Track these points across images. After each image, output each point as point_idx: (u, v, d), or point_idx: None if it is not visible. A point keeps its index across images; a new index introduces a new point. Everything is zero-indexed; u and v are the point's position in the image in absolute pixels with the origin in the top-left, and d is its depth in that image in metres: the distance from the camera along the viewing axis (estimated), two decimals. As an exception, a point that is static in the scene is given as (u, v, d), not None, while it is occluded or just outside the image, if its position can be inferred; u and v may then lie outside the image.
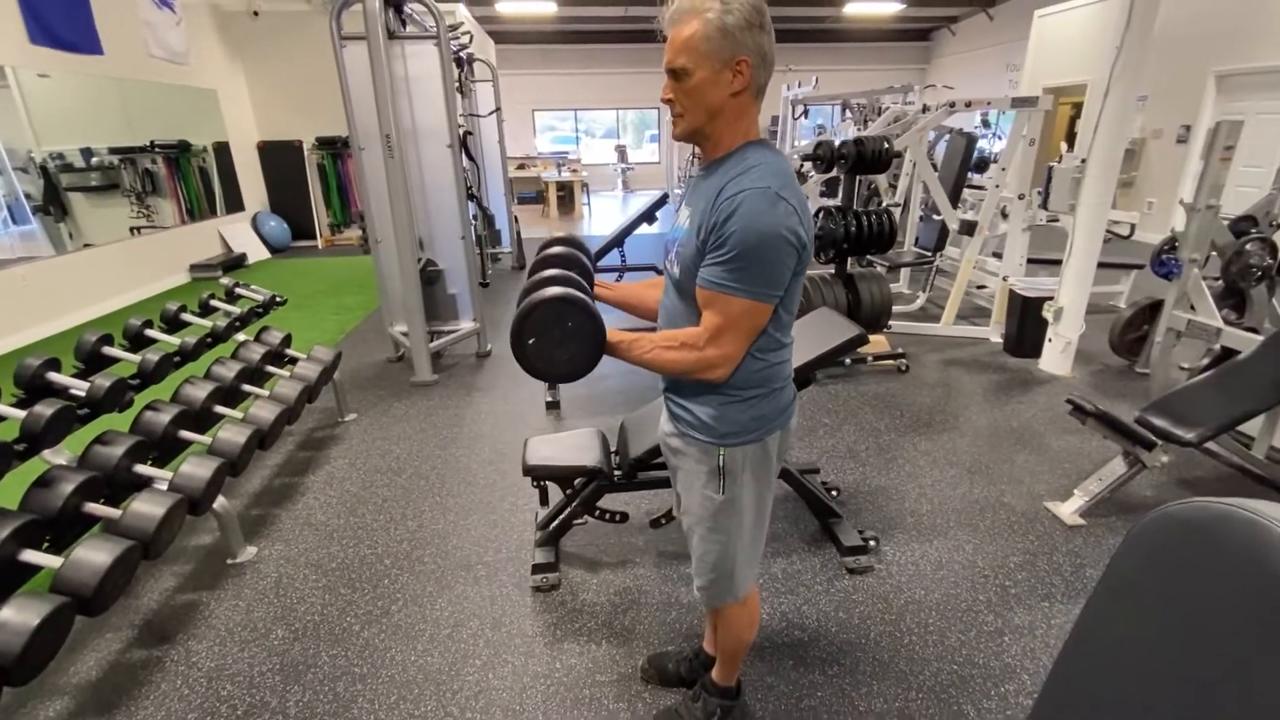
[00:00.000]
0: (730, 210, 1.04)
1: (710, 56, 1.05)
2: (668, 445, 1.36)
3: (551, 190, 11.01)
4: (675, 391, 1.28)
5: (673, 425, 1.31)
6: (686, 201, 1.22)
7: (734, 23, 1.04)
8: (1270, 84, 6.10)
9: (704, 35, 1.04)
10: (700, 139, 1.14)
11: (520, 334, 1.10)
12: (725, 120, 1.11)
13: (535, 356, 1.12)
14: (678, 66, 1.07)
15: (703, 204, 1.12)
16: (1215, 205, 2.58)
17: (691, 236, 1.12)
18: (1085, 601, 0.90)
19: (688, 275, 1.14)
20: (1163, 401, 2.34)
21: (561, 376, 1.15)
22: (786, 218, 1.04)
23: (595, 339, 1.12)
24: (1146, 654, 0.80)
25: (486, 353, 4.29)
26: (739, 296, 1.06)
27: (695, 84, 1.07)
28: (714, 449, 1.23)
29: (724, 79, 1.07)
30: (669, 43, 1.09)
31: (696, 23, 1.04)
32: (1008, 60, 11.76)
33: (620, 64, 13.94)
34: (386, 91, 3.31)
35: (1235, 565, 0.71)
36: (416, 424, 3.28)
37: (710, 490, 1.26)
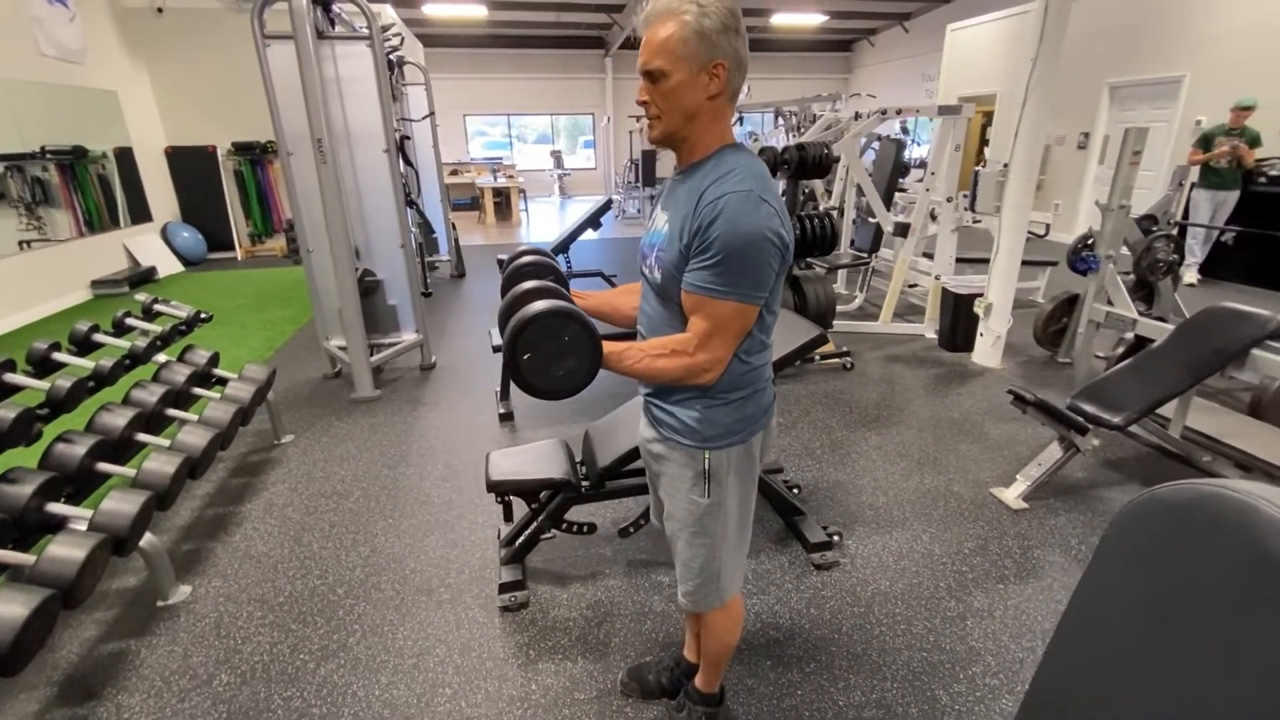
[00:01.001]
0: (714, 214, 1.03)
1: (687, 59, 1.05)
2: (649, 451, 1.34)
3: (488, 196, 10.79)
4: (658, 396, 1.25)
5: (654, 430, 1.29)
6: (663, 206, 1.21)
7: (711, 26, 1.04)
8: (1156, 94, 6.71)
9: (681, 38, 1.04)
10: (676, 142, 1.13)
11: (515, 350, 1.05)
12: (702, 123, 1.11)
13: (531, 373, 1.07)
14: (654, 68, 1.06)
15: (682, 208, 1.11)
16: (1127, 206, 2.80)
17: (673, 241, 1.11)
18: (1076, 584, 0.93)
19: (670, 280, 1.13)
20: (1090, 389, 2.51)
21: (559, 392, 1.10)
22: (769, 219, 1.05)
23: (593, 352, 1.08)
24: (1138, 632, 0.84)
25: (431, 365, 4.14)
26: (727, 299, 1.06)
27: (672, 86, 1.06)
28: (699, 453, 1.22)
29: (700, 82, 1.07)
30: (644, 44, 1.08)
31: (673, 25, 1.04)
32: (922, 71, 12.45)
33: (553, 69, 13.87)
34: (317, 94, 3.14)
35: (1225, 543, 0.74)
36: (361, 443, 3.12)
37: (696, 494, 1.24)
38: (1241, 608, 0.72)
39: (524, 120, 14.94)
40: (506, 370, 1.09)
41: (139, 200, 7.03)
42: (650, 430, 1.32)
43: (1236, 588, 0.73)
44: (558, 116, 14.99)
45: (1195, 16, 6.25)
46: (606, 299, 1.44)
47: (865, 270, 5.14)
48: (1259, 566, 0.70)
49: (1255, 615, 0.70)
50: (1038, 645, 1.84)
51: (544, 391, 1.09)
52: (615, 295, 1.45)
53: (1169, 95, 6.53)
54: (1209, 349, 2.41)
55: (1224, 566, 0.74)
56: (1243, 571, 0.72)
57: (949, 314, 4.14)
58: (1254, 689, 0.71)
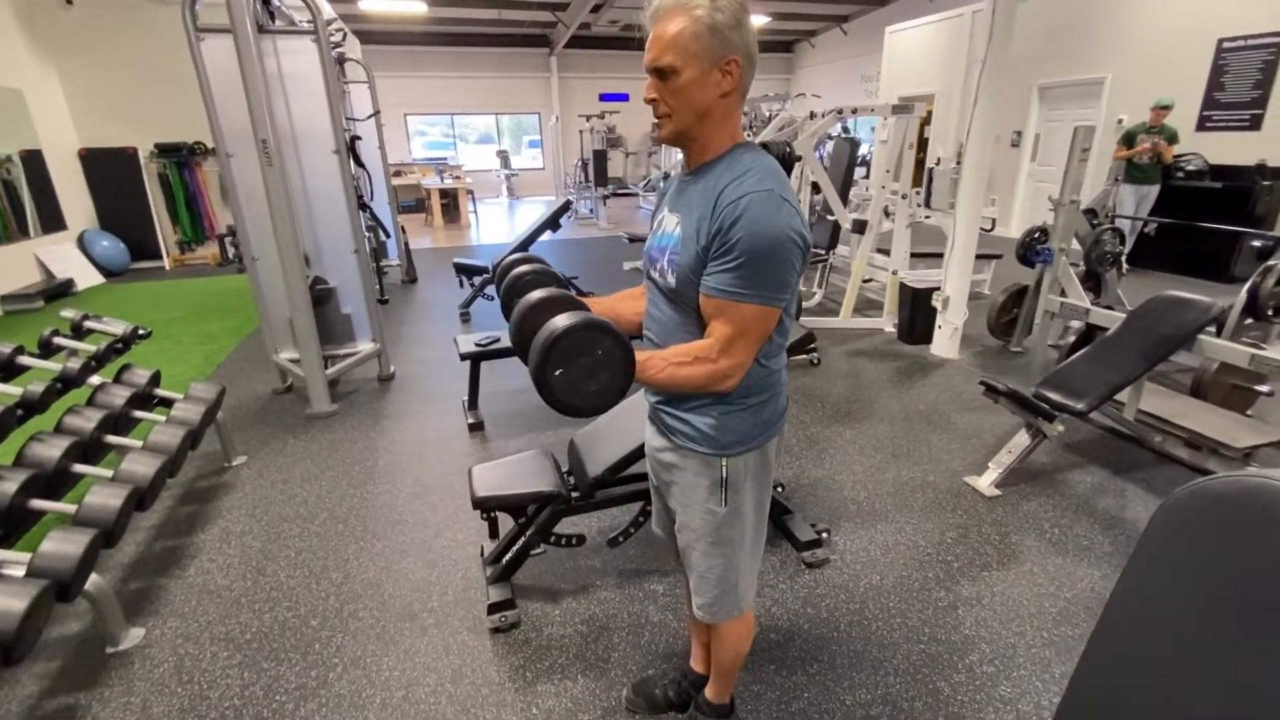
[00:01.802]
0: (735, 215, 1.00)
1: (700, 56, 1.00)
2: (658, 461, 1.29)
3: (434, 198, 10.48)
4: (670, 403, 1.20)
5: (665, 439, 1.24)
6: (671, 207, 1.16)
7: (724, 21, 1.00)
8: (1082, 95, 7.11)
9: (693, 33, 0.99)
10: (687, 141, 1.09)
11: (545, 366, 0.98)
12: (714, 122, 1.07)
13: (562, 389, 1.00)
14: (664, 65, 1.02)
15: (696, 209, 1.07)
16: (1077, 201, 2.92)
17: (689, 243, 1.06)
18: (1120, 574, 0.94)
19: (686, 283, 1.08)
20: (1053, 377, 2.61)
21: (590, 409, 1.04)
22: (791, 219, 1.02)
23: (626, 366, 1.02)
24: (1188, 624, 0.84)
25: (390, 376, 3.96)
26: (750, 303, 1.02)
27: (683, 84, 1.02)
28: (716, 460, 1.18)
29: (713, 79, 1.02)
30: (653, 40, 1.03)
31: (685, 20, 0.99)
32: (861, 72, 12.83)
33: (497, 68, 13.61)
34: (260, 92, 2.94)
35: (1275, 534, 0.75)
36: (321, 462, 2.94)
37: (713, 504, 1.21)
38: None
39: (465, 120, 14.60)
40: (541, 391, 1.02)
41: (51, 207, 6.48)
42: (660, 439, 1.27)
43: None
44: (502, 116, 14.71)
45: (1116, 21, 6.65)
46: (609, 306, 1.38)
47: (824, 267, 5.23)
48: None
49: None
50: (1027, 630, 1.89)
51: (576, 409, 1.03)
52: (617, 301, 1.40)
53: (1093, 95, 6.94)
54: (1159, 335, 2.54)
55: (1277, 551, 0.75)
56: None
57: (907, 308, 4.25)
58: None
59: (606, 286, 6.05)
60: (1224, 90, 5.73)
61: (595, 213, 10.17)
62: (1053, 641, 1.84)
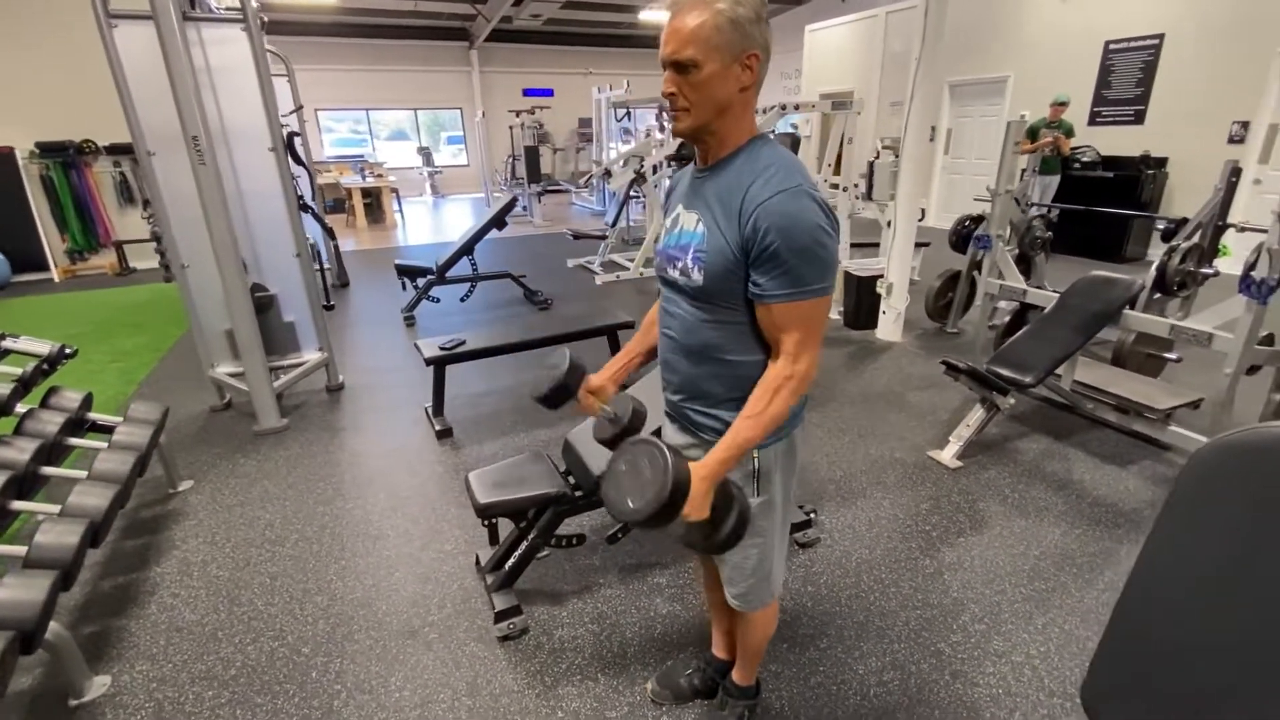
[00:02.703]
0: (766, 221, 1.00)
1: (721, 50, 1.00)
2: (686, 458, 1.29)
3: (356, 197, 9.98)
4: (699, 400, 1.20)
5: (692, 436, 1.25)
6: (687, 204, 1.14)
7: (745, 15, 1.00)
8: (989, 92, 7.66)
9: (715, 26, 0.98)
10: (705, 135, 1.07)
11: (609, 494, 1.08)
12: (733, 116, 1.06)
13: (614, 503, 1.08)
14: (685, 59, 1.00)
15: (719, 207, 1.07)
16: (1012, 190, 3.16)
17: (719, 242, 1.06)
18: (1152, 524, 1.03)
19: (716, 280, 1.08)
20: (1001, 355, 2.82)
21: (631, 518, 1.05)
22: (819, 211, 1.03)
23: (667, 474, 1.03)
24: (1222, 566, 0.94)
25: (339, 386, 3.76)
26: (807, 299, 1.04)
27: (705, 78, 1.01)
28: (749, 452, 1.19)
29: (733, 74, 1.02)
30: (672, 32, 1.01)
31: (706, 13, 0.98)
32: (782, 69, 13.25)
33: (414, 61, 13.10)
34: (189, 84, 2.70)
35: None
36: (280, 480, 2.76)
37: (747, 495, 1.22)
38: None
39: (375, 116, 13.94)
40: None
41: (-90, 215, 5.70)
42: (685, 436, 1.27)
43: (1319, 515, 0.84)
44: (421, 111, 14.17)
45: (1016, 23, 7.20)
46: (641, 341, 1.39)
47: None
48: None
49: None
50: (1006, 588, 2.04)
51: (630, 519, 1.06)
52: (639, 342, 1.40)
53: (997, 93, 7.49)
54: (1091, 312, 2.79)
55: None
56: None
57: (853, 295, 4.45)
58: None
59: (552, 284, 5.99)
60: (1111, 88, 6.34)
61: (530, 210, 10.00)
62: (1030, 596, 2.00)
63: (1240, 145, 5.47)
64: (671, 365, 1.23)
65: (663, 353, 1.26)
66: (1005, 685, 1.69)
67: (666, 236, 1.18)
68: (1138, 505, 2.45)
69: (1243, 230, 3.03)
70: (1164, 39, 5.87)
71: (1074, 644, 1.82)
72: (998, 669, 1.74)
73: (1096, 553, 2.19)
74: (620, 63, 14.52)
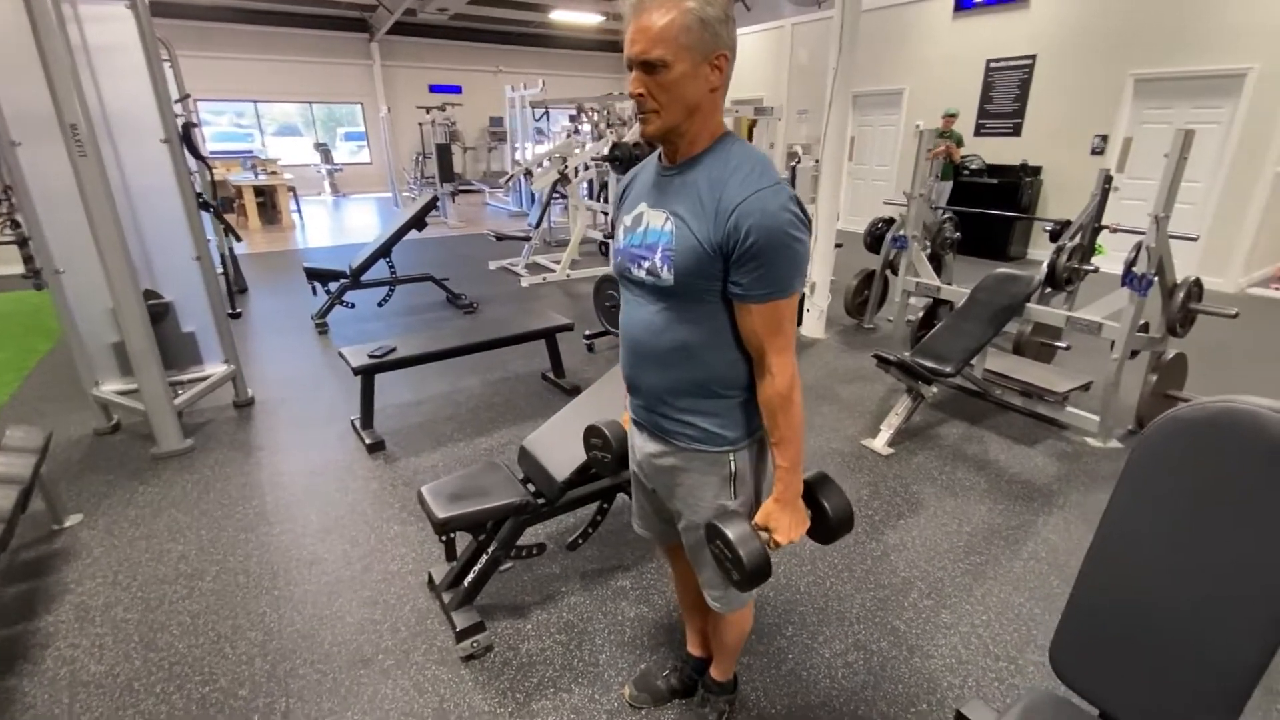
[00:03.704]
0: (745, 221, 0.99)
1: (691, 49, 0.98)
2: (654, 466, 1.26)
3: (248, 196, 9.21)
4: (670, 405, 1.18)
5: (663, 444, 1.22)
6: (652, 203, 1.11)
7: (714, 15, 0.98)
8: (887, 103, 8.20)
9: (683, 25, 0.96)
10: (675, 137, 1.05)
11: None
12: (702, 116, 1.04)
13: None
14: (654, 58, 0.97)
15: (690, 205, 1.05)
16: (925, 194, 3.39)
17: (690, 241, 1.04)
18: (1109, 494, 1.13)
19: (687, 280, 1.06)
20: (922, 348, 3.02)
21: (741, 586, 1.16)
22: (791, 206, 1.03)
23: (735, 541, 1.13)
24: (1174, 524, 1.04)
25: (248, 401, 3.45)
26: (784, 297, 1.04)
27: (675, 78, 0.99)
28: (724, 456, 1.18)
29: (703, 74, 1.00)
30: (638, 31, 0.97)
31: (674, 11, 0.96)
32: (691, 74, 13.55)
33: (309, 52, 12.26)
34: (66, 65, 2.38)
35: (1242, 444, 0.96)
36: (190, 508, 2.50)
37: (724, 499, 1.21)
38: (1262, 490, 0.94)
39: (264, 108, 12.94)
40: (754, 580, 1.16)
41: None
42: (655, 444, 1.24)
43: (1256, 475, 0.95)
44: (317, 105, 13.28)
45: (911, 39, 7.74)
46: None
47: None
48: (1274, 455, 0.93)
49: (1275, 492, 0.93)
50: (946, 563, 2.18)
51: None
52: None
53: (895, 104, 8.03)
54: (999, 306, 3.05)
55: (1244, 461, 0.96)
56: (1259, 462, 0.94)
57: (778, 294, 4.61)
58: (1267, 545, 0.94)
59: (475, 286, 5.80)
60: (993, 103, 6.97)
61: (444, 210, 9.63)
62: (968, 569, 2.15)
63: (1101, 156, 6.18)
64: (639, 371, 1.20)
65: (628, 359, 1.22)
66: (957, 655, 1.81)
67: (629, 235, 1.15)
68: (1047, 480, 2.70)
69: (1115, 231, 3.42)
70: (1036, 60, 6.53)
71: (1010, 610, 1.97)
72: (948, 640, 1.86)
73: (1018, 525, 2.40)
74: (532, 61, 14.30)
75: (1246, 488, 0.95)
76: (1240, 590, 0.96)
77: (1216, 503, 0.98)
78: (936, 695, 1.68)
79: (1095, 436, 2.95)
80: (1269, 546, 0.94)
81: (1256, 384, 3.73)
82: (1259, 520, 0.94)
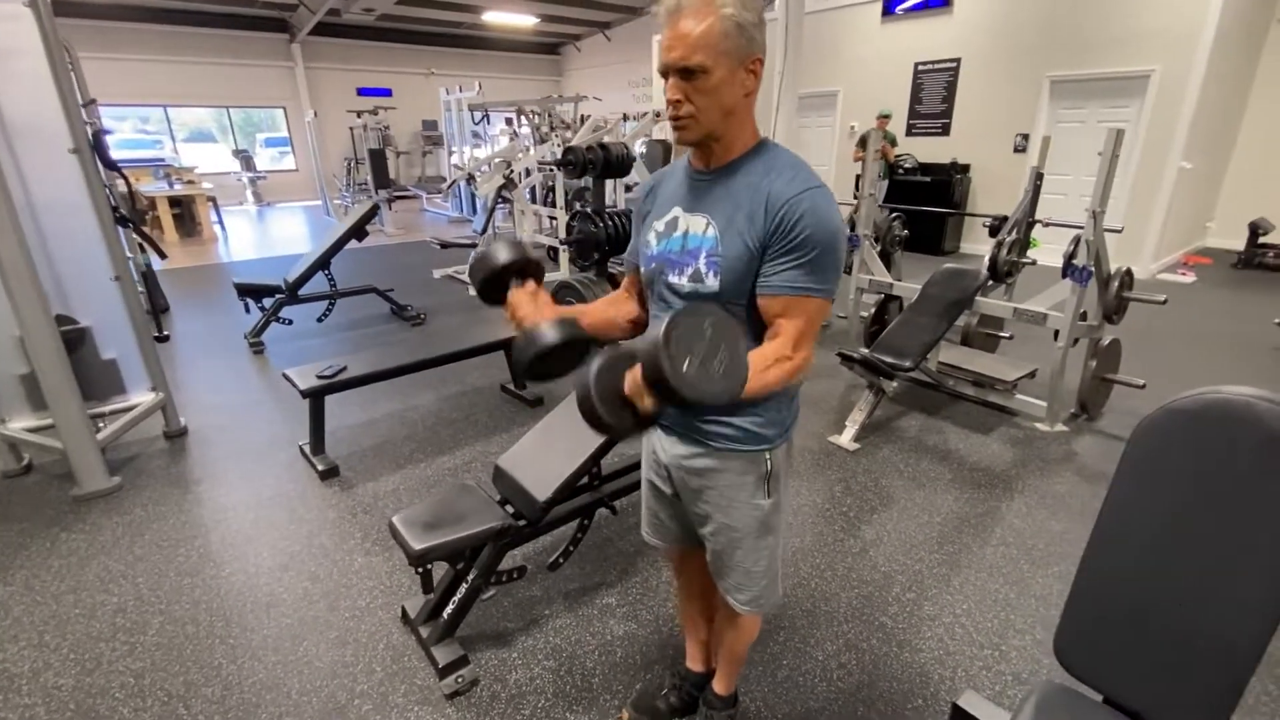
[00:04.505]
0: (798, 213, 1.00)
1: (729, 55, 0.99)
2: (688, 469, 1.23)
3: (163, 207, 8.59)
4: (711, 408, 1.16)
5: (697, 446, 1.20)
6: (689, 208, 1.11)
7: (749, 20, 1.00)
8: (822, 105, 8.43)
9: (722, 32, 0.97)
10: (711, 142, 1.06)
11: (669, 363, 0.82)
12: (738, 121, 1.06)
13: (700, 381, 0.85)
14: (694, 65, 0.98)
15: (734, 209, 1.05)
16: (874, 194, 3.48)
17: (738, 245, 1.04)
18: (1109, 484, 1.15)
19: (733, 284, 1.06)
20: (881, 344, 3.09)
21: (728, 394, 0.88)
22: (839, 214, 1.06)
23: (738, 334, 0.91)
24: (1172, 512, 1.07)
25: (180, 430, 3.18)
26: (817, 296, 1.04)
27: (714, 84, 0.99)
28: (760, 455, 1.18)
29: (739, 78, 1.02)
30: (676, 37, 0.98)
31: (712, 18, 0.97)
32: (629, 77, 13.56)
33: (223, 53, 11.57)
34: (-47, 67, 2.13)
35: (1237, 432, 0.99)
36: (123, 554, 2.27)
37: (759, 498, 1.21)
38: (1256, 476, 0.98)
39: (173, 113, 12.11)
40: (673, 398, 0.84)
41: None
42: (688, 446, 1.22)
43: (1251, 463, 0.99)
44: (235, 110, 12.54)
45: (844, 43, 7.98)
46: (600, 312, 1.30)
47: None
48: (1268, 444, 0.96)
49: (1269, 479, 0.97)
50: (923, 555, 2.23)
51: (712, 401, 0.88)
52: (606, 306, 1.32)
53: (830, 105, 8.27)
54: (950, 300, 3.16)
55: (1238, 449, 0.99)
56: (1254, 450, 0.98)
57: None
58: (1276, 536, 0.98)
59: (421, 297, 5.60)
60: (923, 103, 7.27)
61: (380, 218, 9.25)
62: (944, 560, 2.21)
63: (1023, 154, 6.55)
64: None
65: None
66: (944, 646, 1.84)
67: (664, 241, 1.13)
68: (1005, 466, 2.81)
69: (1047, 225, 3.60)
70: (960, 63, 6.85)
71: (987, 597, 2.03)
72: (934, 632, 1.89)
73: (984, 512, 2.48)
74: (465, 63, 13.98)
75: (1241, 474, 0.99)
76: (1238, 574, 1.00)
77: (1212, 490, 1.01)
78: (930, 689, 1.70)
79: (1043, 421, 3.10)
80: (1264, 530, 0.98)
81: (1181, 363, 4.00)
82: (1253, 505, 0.98)
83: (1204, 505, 1.02)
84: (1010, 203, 6.35)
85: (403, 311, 5.05)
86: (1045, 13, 6.14)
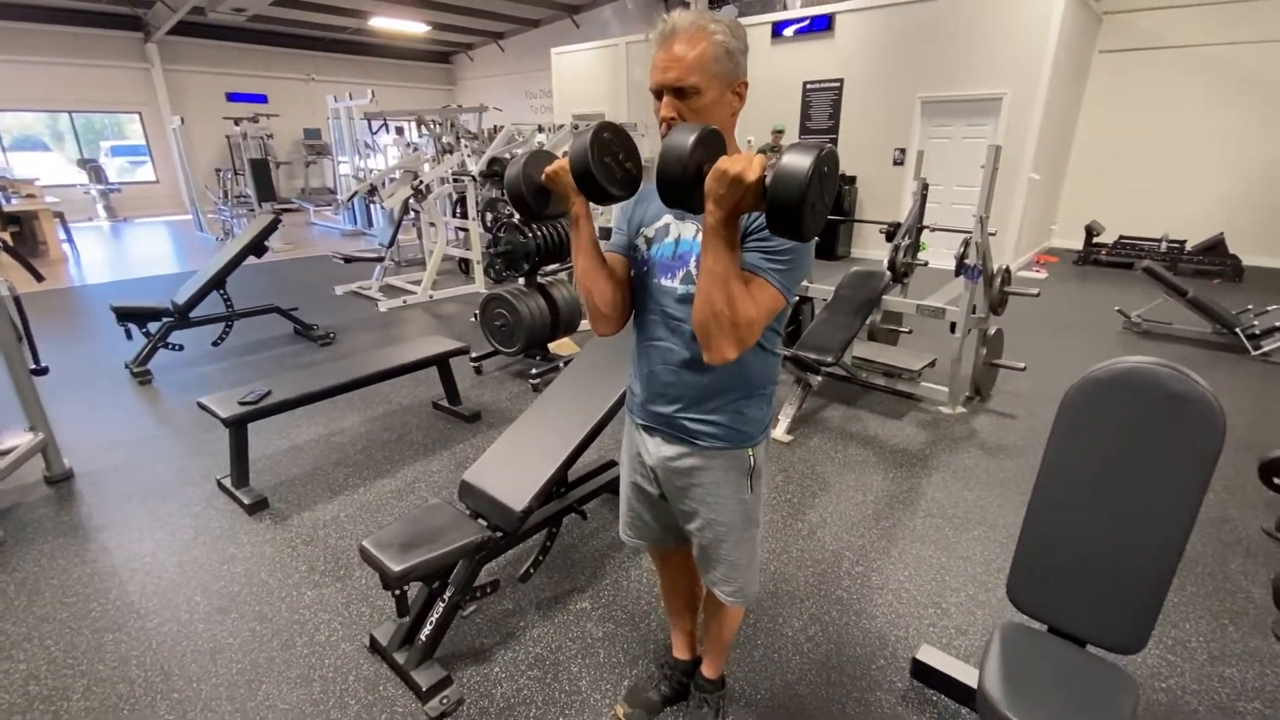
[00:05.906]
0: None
1: (719, 77, 1.08)
2: (675, 469, 1.30)
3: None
4: (694, 408, 1.24)
5: (683, 445, 1.27)
6: (679, 216, 1.19)
7: (737, 46, 1.10)
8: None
9: (714, 56, 1.07)
10: None
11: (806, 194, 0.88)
12: (725, 137, 1.15)
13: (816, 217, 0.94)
14: (689, 85, 1.07)
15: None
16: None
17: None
18: (1044, 449, 1.35)
19: None
20: (804, 341, 3.32)
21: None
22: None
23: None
24: (1098, 463, 1.29)
25: (65, 474, 2.83)
26: (774, 286, 1.07)
27: (706, 103, 1.09)
28: (743, 451, 1.27)
29: (727, 99, 1.11)
30: (672, 60, 1.07)
31: (706, 43, 1.06)
32: (525, 88, 13.50)
33: (62, 52, 10.31)
34: None
35: (1145, 393, 1.22)
36: (21, 615, 2.01)
37: (743, 493, 1.30)
38: (1163, 429, 1.20)
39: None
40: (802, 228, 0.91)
41: None
42: (673, 446, 1.28)
43: (1156, 416, 1.21)
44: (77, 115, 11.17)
45: (731, 62, 8.40)
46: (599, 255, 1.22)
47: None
48: (1168, 401, 1.18)
49: (1173, 430, 1.19)
50: (863, 531, 2.43)
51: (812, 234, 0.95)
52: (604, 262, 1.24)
53: (727, 119, 8.66)
54: (861, 299, 3.45)
55: (1147, 406, 1.22)
56: (1158, 406, 1.20)
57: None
58: (1181, 475, 1.20)
59: (325, 315, 5.30)
60: (812, 120, 7.82)
61: (265, 234, 8.57)
62: (882, 534, 2.42)
63: (901, 166, 7.23)
64: (668, 377, 1.24)
65: (654, 367, 1.25)
66: (894, 610, 2.03)
67: (656, 247, 1.20)
68: (920, 446, 3.11)
69: (934, 231, 4.03)
70: (843, 83, 7.45)
71: (923, 564, 2.25)
72: (884, 599, 2.08)
73: (909, 489, 2.74)
74: (350, 70, 13.32)
75: (1148, 426, 1.21)
76: (1154, 509, 1.22)
77: (1127, 443, 1.23)
78: (889, 649, 1.87)
79: (946, 404, 3.46)
80: (1169, 472, 1.20)
81: (1049, 348, 4.58)
82: (1161, 451, 1.20)
83: (1123, 456, 1.24)
84: (893, 211, 7.01)
85: (309, 331, 4.75)
86: (914, 39, 6.84)
